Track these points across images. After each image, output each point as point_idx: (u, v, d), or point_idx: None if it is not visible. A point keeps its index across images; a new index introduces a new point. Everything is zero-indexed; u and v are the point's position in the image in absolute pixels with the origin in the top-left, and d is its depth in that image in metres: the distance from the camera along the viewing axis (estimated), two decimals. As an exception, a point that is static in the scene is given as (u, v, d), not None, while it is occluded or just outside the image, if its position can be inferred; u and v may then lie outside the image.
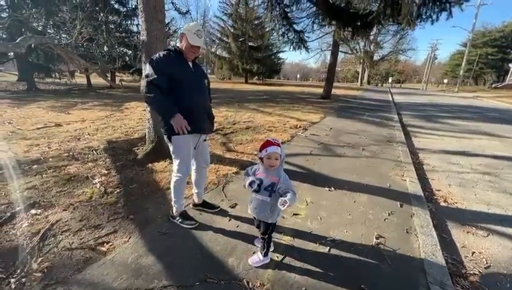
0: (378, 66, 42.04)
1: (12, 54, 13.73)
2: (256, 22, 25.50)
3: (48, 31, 13.19)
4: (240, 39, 25.69)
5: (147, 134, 3.60)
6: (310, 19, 8.89)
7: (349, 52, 36.41)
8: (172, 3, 11.45)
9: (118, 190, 2.57)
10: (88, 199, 2.38)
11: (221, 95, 13.84)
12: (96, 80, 18.87)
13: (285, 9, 6.89)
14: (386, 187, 3.05)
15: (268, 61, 26.89)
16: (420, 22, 6.95)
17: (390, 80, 47.50)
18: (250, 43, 26.40)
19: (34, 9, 12.04)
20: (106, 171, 3.00)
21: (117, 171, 3.06)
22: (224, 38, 26.66)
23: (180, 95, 1.83)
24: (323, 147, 4.56)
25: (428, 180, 3.57)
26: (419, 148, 5.11)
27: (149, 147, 3.53)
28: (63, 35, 11.56)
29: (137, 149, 3.85)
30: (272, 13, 6.62)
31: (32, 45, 10.64)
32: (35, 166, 3.08)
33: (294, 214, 2.33)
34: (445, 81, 44.01)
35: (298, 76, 63.91)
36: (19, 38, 5.17)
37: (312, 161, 3.81)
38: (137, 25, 18.01)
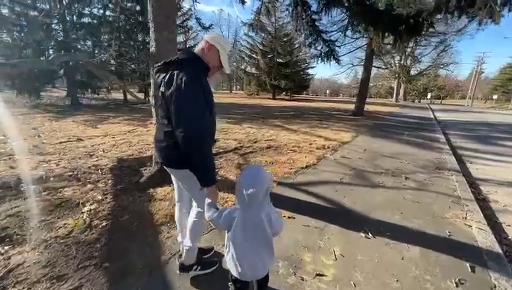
0: (416, 81, 39.40)
1: (62, 71, 15.10)
2: (285, 39, 25.56)
3: (87, 50, 14.28)
4: (269, 56, 25.84)
5: (154, 154, 3.26)
6: (341, 29, 8.25)
7: (383, 66, 34.78)
8: (197, 19, 11.60)
9: (104, 223, 2.18)
10: (67, 234, 2.01)
11: (247, 110, 13.62)
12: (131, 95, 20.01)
13: (313, 16, 6.31)
14: (444, 236, 2.28)
15: (297, 77, 26.56)
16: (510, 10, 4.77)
17: (429, 96, 44.16)
18: (279, 60, 26.42)
19: (79, 32, 13.24)
20: (101, 197, 2.66)
21: (113, 196, 2.70)
22: (253, 55, 27.06)
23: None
24: (355, 174, 3.85)
25: (502, 226, 2.69)
26: (480, 179, 4.13)
27: (154, 169, 3.17)
28: (102, 53, 12.54)
29: (145, 169, 3.52)
30: (297, 22, 6.17)
31: (70, 62, 11.53)
32: (33, 186, 2.86)
33: (317, 275, 1.71)
34: (495, 97, 39.68)
35: (328, 91, 62.57)
36: (51, 56, 5.36)
37: (342, 192, 3.13)
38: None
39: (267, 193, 1.16)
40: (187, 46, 19.82)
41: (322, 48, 7.95)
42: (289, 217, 2.45)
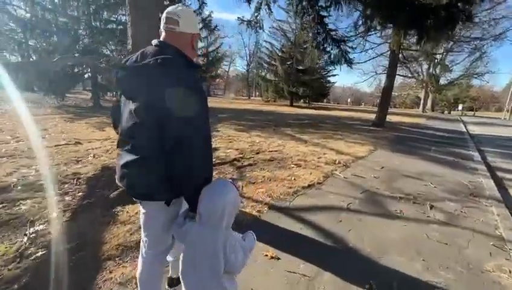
0: (446, 91, 36.88)
1: (87, 75, 15.71)
2: (305, 46, 25.03)
3: (111, 54, 14.75)
4: (288, 62, 25.39)
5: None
6: (352, 29, 7.51)
7: (409, 75, 32.96)
8: (204, 21, 11.49)
9: (40, 253, 1.79)
10: (-12, 265, 1.63)
11: (260, 117, 13.18)
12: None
13: (321, 12, 5.57)
14: (485, 304, 1.63)
15: (316, 84, 25.80)
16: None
17: (460, 107, 41.16)
18: (298, 66, 25.88)
19: (101, 37, 13.68)
20: (56, 215, 2.30)
21: (73, 214, 2.33)
22: (272, 62, 26.76)
23: None
24: (368, 198, 3.22)
25: None
26: (529, 212, 3.32)
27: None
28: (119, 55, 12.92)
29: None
30: (303, 19, 5.57)
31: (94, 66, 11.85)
32: (-6, 196, 2.58)
33: None
34: (537, 110, 36.02)
35: (349, 100, 60.73)
36: (56, 58, 5.29)
37: (348, 223, 2.54)
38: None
39: (229, 216, 1.00)
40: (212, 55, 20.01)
41: (331, 48, 7.21)
42: (272, 257, 1.92)
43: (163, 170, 1.03)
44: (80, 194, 2.78)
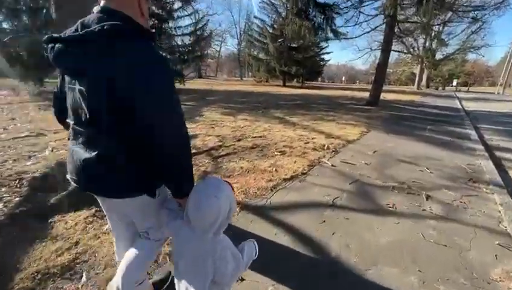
0: (441, 67, 36.19)
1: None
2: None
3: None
4: (279, 40, 24.22)
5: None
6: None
7: (405, 51, 32.05)
8: None
9: None
10: None
11: (250, 99, 12.60)
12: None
13: None
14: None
15: (309, 63, 24.87)
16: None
17: (454, 83, 40.68)
18: (290, 44, 24.77)
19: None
20: (-28, 231, 1.87)
21: (-3, 228, 1.91)
22: (263, 40, 25.51)
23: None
24: (357, 190, 2.85)
25: None
26: (533, 199, 3.01)
27: (76, 190, 2.34)
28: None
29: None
30: None
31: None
32: None
33: None
34: (531, 83, 35.82)
35: (344, 78, 59.61)
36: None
37: (332, 224, 2.17)
38: (175, 28, 18.09)
39: (222, 221, 0.87)
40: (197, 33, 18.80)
41: (314, 15, 6.40)
42: (234, 279, 1.55)
43: (137, 158, 0.91)
44: (17, 199, 2.34)
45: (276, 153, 3.95)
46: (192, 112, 8.02)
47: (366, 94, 12.41)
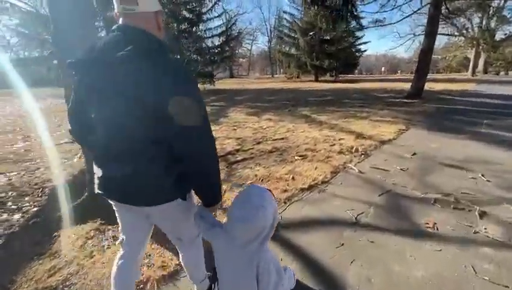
0: (503, 48, 31.27)
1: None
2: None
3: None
4: (310, 33, 23.26)
5: (87, 179, 2.42)
6: None
7: (456, 33, 28.37)
8: None
9: None
10: None
11: (278, 97, 12.27)
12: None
13: None
14: None
15: (344, 55, 23.40)
16: None
17: (521, 66, 34.80)
18: (323, 37, 23.62)
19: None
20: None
21: (6, 241, 1.96)
22: (292, 34, 24.76)
23: None
24: (388, 204, 2.41)
25: None
26: None
27: (83, 202, 2.34)
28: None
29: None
30: None
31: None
32: None
33: None
34: None
35: (383, 69, 55.31)
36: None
37: (352, 249, 1.82)
38: (205, 31, 18.49)
39: (267, 232, 0.86)
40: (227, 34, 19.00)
41: (332, 2, 5.63)
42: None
43: (170, 168, 0.96)
44: (35, 209, 2.43)
45: (296, 157, 3.62)
46: (218, 113, 8.02)
47: (408, 85, 11.16)
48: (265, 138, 4.69)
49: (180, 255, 1.29)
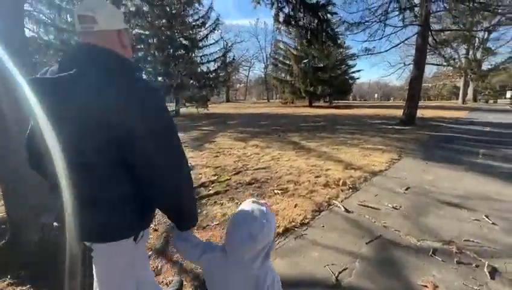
0: (490, 78, 32.39)
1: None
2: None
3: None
4: (304, 60, 23.94)
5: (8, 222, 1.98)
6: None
7: (444, 63, 29.47)
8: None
9: None
10: None
11: (271, 122, 12.09)
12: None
13: None
14: None
15: (336, 82, 23.90)
16: None
17: (509, 95, 35.85)
18: (315, 64, 24.30)
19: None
20: None
21: None
22: (287, 61, 25.46)
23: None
24: (377, 255, 1.98)
25: None
26: None
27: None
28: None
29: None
30: None
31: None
32: None
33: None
34: None
35: (376, 95, 56.77)
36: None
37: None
38: (201, 56, 18.91)
39: (269, 248, 0.88)
40: (222, 59, 19.49)
41: (305, 20, 5.54)
42: None
43: (132, 197, 0.89)
44: None
45: (276, 191, 3.21)
46: (205, 137, 7.70)
47: (400, 112, 11.08)
48: (246, 166, 4.30)
49: None
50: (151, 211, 1.00)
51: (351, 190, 3.23)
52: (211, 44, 19.12)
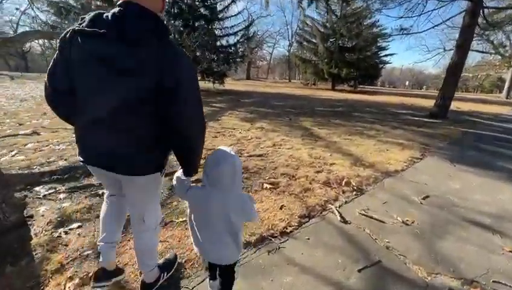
0: (544, 71, 28.39)
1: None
2: (352, 19, 21.35)
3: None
4: (331, 39, 22.20)
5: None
6: None
7: (491, 51, 26.12)
8: None
9: None
10: None
11: (286, 103, 11.41)
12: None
13: None
14: None
15: (363, 65, 22.07)
16: None
17: None
18: (343, 44, 22.47)
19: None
20: None
21: None
22: (312, 39, 23.75)
23: None
24: (369, 291, 1.50)
25: None
26: None
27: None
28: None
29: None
30: None
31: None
32: None
33: None
34: None
35: (407, 83, 52.68)
36: (18, 33, 4.49)
37: None
38: (220, 29, 17.97)
39: (235, 178, 1.08)
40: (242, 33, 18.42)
41: None
42: None
43: (158, 141, 1.08)
44: None
45: (266, 184, 2.75)
46: (212, 115, 7.28)
47: (432, 102, 9.87)
48: (241, 152, 3.85)
49: (135, 241, 1.33)
50: (169, 153, 1.20)
51: (354, 193, 2.70)
52: (232, 16, 18.05)
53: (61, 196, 2.34)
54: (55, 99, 1.11)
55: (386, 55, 25.67)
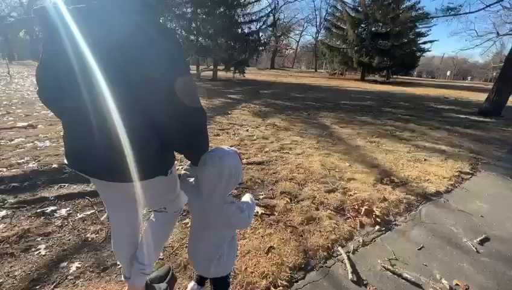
0: None
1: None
2: (387, 1, 19.21)
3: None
4: (362, 24, 20.30)
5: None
6: None
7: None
8: None
9: None
10: None
11: (307, 95, 10.52)
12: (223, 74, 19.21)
13: None
14: None
15: (398, 53, 19.95)
16: None
17: None
18: (376, 29, 20.45)
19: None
20: None
21: None
22: (342, 25, 21.95)
23: None
24: None
25: None
26: None
27: None
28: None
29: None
30: None
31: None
32: None
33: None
34: None
35: (448, 73, 47.69)
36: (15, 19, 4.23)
37: None
38: (243, 16, 17.12)
39: (219, 186, 0.90)
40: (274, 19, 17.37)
41: None
42: None
43: (156, 138, 0.90)
44: None
45: (256, 209, 2.12)
46: (223, 108, 6.74)
47: (481, 96, 8.34)
48: (240, 157, 3.23)
49: (145, 229, 1.18)
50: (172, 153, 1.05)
51: (377, 227, 1.96)
52: (255, 1, 17.05)
53: (2, 213, 1.92)
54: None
55: (425, 42, 23.03)
